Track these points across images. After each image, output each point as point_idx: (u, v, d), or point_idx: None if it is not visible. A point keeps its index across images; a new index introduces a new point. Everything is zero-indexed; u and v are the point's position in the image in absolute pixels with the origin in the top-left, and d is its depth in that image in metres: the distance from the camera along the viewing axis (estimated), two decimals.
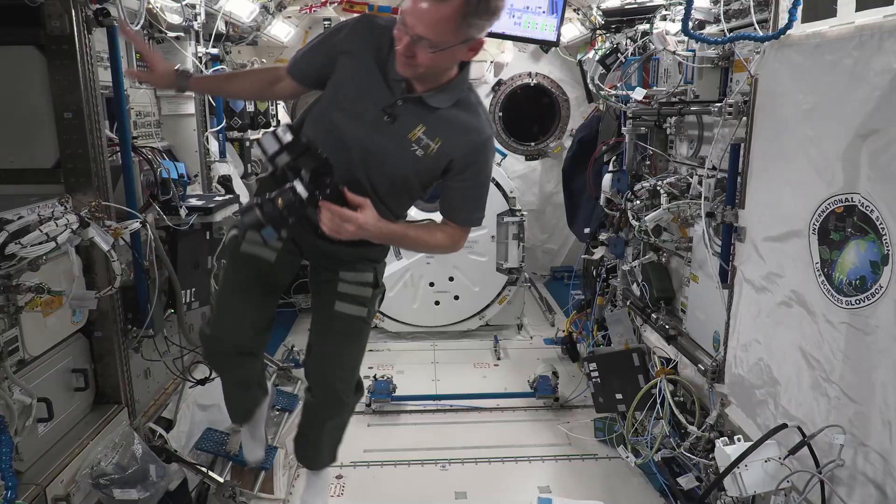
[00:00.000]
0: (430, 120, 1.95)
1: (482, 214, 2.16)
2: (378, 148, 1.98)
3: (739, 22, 2.57)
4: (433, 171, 2.03)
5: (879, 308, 1.71)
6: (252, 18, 4.46)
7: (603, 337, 4.07)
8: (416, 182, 2.07)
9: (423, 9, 1.71)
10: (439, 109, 1.95)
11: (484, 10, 1.74)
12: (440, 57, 1.80)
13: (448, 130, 1.97)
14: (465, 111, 1.99)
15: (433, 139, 1.96)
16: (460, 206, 2.11)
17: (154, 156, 2.90)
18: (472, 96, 2.03)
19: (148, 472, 2.45)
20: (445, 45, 1.76)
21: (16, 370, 2.08)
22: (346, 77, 2.02)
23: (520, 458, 3.62)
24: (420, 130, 1.95)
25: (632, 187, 3.38)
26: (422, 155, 1.97)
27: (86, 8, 2.36)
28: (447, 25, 1.72)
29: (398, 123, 1.97)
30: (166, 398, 3.10)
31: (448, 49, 1.78)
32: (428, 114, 1.95)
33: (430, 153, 1.96)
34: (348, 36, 2.02)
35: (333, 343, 2.31)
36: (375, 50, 1.97)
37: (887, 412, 1.69)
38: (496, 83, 6.43)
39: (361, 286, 2.27)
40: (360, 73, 1.99)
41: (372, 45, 1.98)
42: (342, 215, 1.84)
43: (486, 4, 1.73)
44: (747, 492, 1.95)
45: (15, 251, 1.92)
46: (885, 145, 1.67)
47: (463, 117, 1.98)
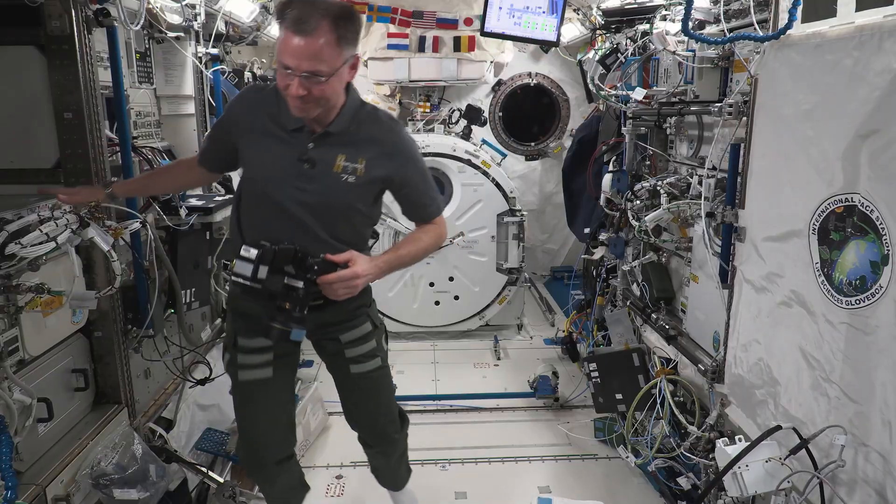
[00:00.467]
0: (345, 147, 2.04)
1: (440, 200, 2.29)
2: (315, 195, 2.06)
3: (739, 22, 2.57)
4: (371, 188, 2.11)
5: (879, 308, 1.71)
6: (252, 18, 4.46)
7: (603, 337, 4.07)
8: (362, 206, 2.14)
9: (299, 46, 1.80)
10: (347, 133, 2.05)
11: (352, 28, 1.87)
12: (332, 85, 1.89)
13: (365, 147, 2.06)
14: (369, 124, 2.09)
15: (357, 160, 2.04)
16: (418, 205, 2.22)
17: (154, 156, 2.91)
18: (367, 107, 2.12)
19: (148, 472, 2.45)
20: (333, 70, 1.86)
21: (16, 370, 2.08)
22: (252, 151, 2.11)
23: (520, 458, 3.62)
24: (342, 159, 2.03)
25: (632, 187, 3.38)
26: (354, 179, 2.05)
27: (86, 8, 2.36)
28: (327, 52, 1.82)
29: (319, 164, 2.05)
30: (166, 398, 3.10)
31: (336, 73, 1.88)
32: (340, 142, 2.04)
33: (360, 174, 2.05)
34: (236, 114, 2.15)
35: (363, 398, 2.44)
36: (267, 113, 2.06)
37: (887, 412, 1.69)
38: (496, 83, 6.44)
39: (365, 341, 2.34)
40: (262, 141, 2.08)
41: (262, 111, 2.07)
42: (342, 277, 1.94)
43: (352, 23, 1.87)
44: (748, 492, 1.95)
45: (15, 251, 1.92)
46: (885, 145, 1.67)
47: (371, 131, 2.08)
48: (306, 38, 1.79)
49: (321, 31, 1.80)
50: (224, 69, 3.92)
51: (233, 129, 2.15)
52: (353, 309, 2.30)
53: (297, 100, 1.87)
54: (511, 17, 3.84)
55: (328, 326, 2.30)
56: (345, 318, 2.30)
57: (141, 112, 3.15)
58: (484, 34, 3.96)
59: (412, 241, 2.21)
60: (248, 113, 2.12)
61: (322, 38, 1.80)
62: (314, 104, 1.91)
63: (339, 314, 2.27)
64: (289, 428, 2.43)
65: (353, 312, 2.31)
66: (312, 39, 1.79)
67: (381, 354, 2.39)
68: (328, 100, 1.94)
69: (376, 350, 2.37)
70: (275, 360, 2.28)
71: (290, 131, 2.05)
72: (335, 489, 3.35)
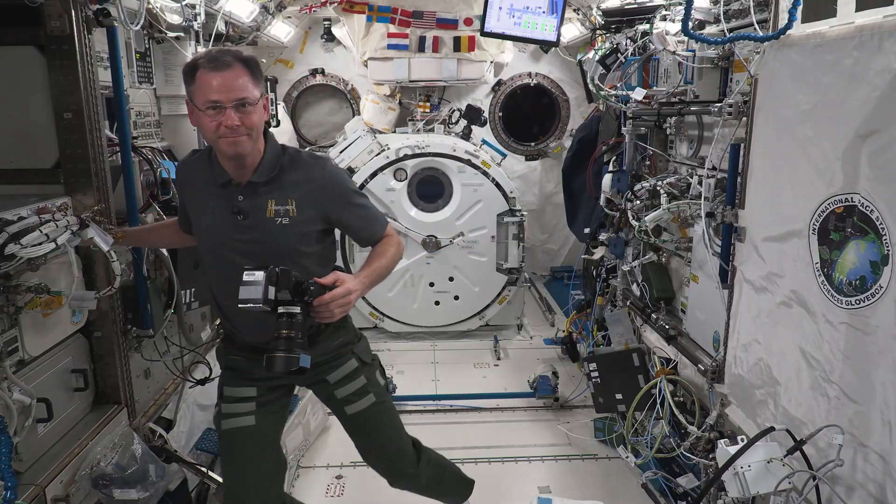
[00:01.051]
0: (272, 193, 2.09)
1: (381, 216, 2.30)
2: (256, 244, 2.10)
3: (739, 22, 2.57)
4: (310, 225, 2.13)
5: (879, 308, 1.71)
6: (252, 18, 4.47)
7: (603, 337, 4.06)
8: (305, 247, 2.15)
9: (223, 79, 1.92)
10: (273, 180, 2.10)
11: (258, 71, 2.02)
12: (258, 115, 2.01)
13: (292, 189, 2.10)
14: (292, 166, 2.13)
15: (287, 202, 2.09)
16: (363, 229, 2.24)
17: (154, 156, 2.90)
18: (289, 151, 2.17)
19: (148, 472, 2.45)
20: (256, 100, 1.98)
21: (15, 370, 2.08)
22: (195, 212, 2.21)
23: (520, 458, 3.62)
24: (272, 204, 2.08)
25: (632, 187, 3.38)
26: (289, 221, 2.09)
27: (86, 8, 2.36)
28: (249, 80, 1.97)
29: (252, 213, 2.10)
30: (166, 398, 3.10)
31: (259, 103, 2.00)
32: (267, 190, 2.09)
33: (293, 214, 2.09)
34: (180, 180, 2.32)
35: (367, 438, 2.41)
36: (201, 173, 2.16)
37: (887, 412, 1.69)
38: (496, 83, 6.44)
39: (352, 379, 2.33)
40: (201, 201, 2.17)
41: (197, 172, 2.18)
42: (336, 296, 1.93)
43: (258, 67, 2.02)
44: (750, 492, 1.94)
45: (14, 251, 1.92)
46: (885, 145, 1.67)
47: (296, 173, 2.12)
48: (227, 71, 1.93)
49: (237, 66, 1.95)
50: None
51: (182, 194, 2.31)
52: (336, 348, 2.31)
53: (230, 132, 1.94)
54: (511, 17, 3.84)
55: (314, 368, 2.20)
56: (329, 358, 2.30)
57: (141, 112, 3.15)
58: (484, 34, 3.96)
59: (379, 255, 2.21)
60: (187, 177, 2.25)
61: (239, 71, 1.95)
62: (247, 137, 1.98)
63: (322, 353, 2.26)
64: (274, 481, 2.33)
65: (337, 351, 2.32)
66: (233, 72, 1.94)
67: (374, 390, 2.36)
68: (257, 130, 2.03)
69: (367, 386, 2.35)
70: (258, 408, 2.27)
71: (220, 186, 2.11)
72: (335, 489, 3.35)
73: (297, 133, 6.34)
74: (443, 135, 5.54)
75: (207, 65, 1.93)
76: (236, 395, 2.27)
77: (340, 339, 2.32)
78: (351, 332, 2.39)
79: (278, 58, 6.17)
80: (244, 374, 2.28)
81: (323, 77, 6.26)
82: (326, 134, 6.45)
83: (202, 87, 1.93)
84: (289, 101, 6.24)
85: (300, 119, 6.44)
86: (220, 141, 1.98)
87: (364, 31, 5.52)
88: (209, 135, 1.99)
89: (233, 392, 2.28)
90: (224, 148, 1.99)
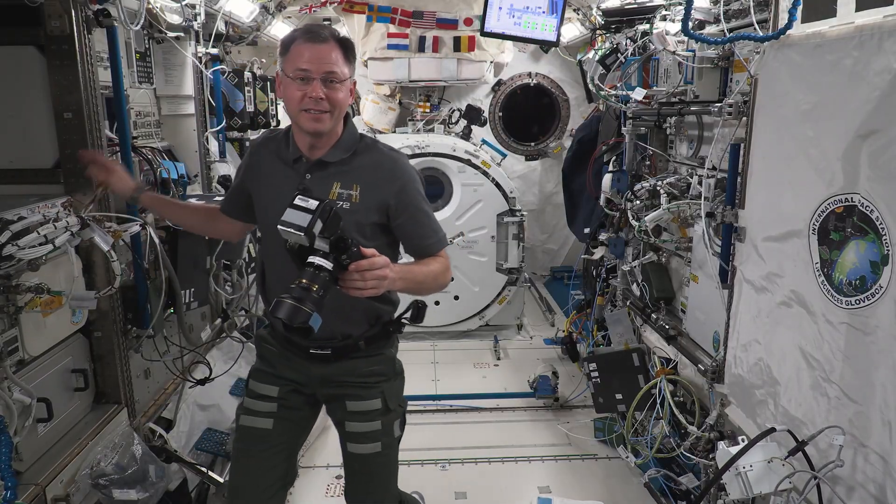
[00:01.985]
0: (340, 175, 2.04)
1: (442, 235, 2.17)
2: None
3: (739, 22, 2.57)
4: (370, 215, 2.05)
5: (879, 308, 1.71)
6: (252, 18, 4.46)
7: (603, 337, 4.07)
8: (362, 233, 2.04)
9: (317, 51, 1.92)
10: (343, 163, 2.05)
11: (352, 52, 2.01)
12: (344, 93, 1.98)
13: (360, 174, 2.05)
14: (367, 154, 2.09)
15: (352, 187, 2.03)
16: (418, 236, 2.12)
17: (154, 156, 2.90)
18: (367, 139, 2.13)
19: (148, 472, 2.45)
20: (345, 77, 1.97)
21: (15, 370, 2.08)
22: (261, 192, 2.15)
23: (520, 458, 3.62)
24: (336, 187, 2.03)
25: (632, 187, 3.38)
26: (350, 206, 2.02)
27: (86, 8, 2.36)
28: (339, 59, 1.96)
29: (315, 193, 1.95)
30: (166, 398, 3.09)
31: (347, 82, 1.98)
32: (336, 171, 2.05)
33: (355, 201, 2.03)
34: (247, 163, 2.22)
35: (354, 481, 2.27)
36: (274, 151, 2.13)
37: (887, 412, 1.69)
38: (496, 83, 6.44)
39: (369, 421, 2.18)
40: (268, 180, 2.12)
41: (270, 150, 2.14)
42: (374, 265, 1.75)
43: (352, 49, 2.01)
44: (753, 492, 1.94)
45: (12, 252, 1.92)
46: (885, 145, 1.67)
47: (367, 160, 2.08)
48: (322, 44, 1.93)
49: (331, 42, 1.95)
50: (224, 69, 3.92)
51: (246, 174, 2.22)
52: (367, 375, 2.18)
53: (314, 104, 1.93)
54: (511, 17, 3.84)
55: (334, 384, 2.19)
56: (356, 382, 2.17)
57: (141, 112, 3.15)
58: (484, 34, 3.96)
59: (423, 263, 2.10)
60: (257, 155, 2.19)
61: (333, 46, 1.95)
62: (328, 115, 1.96)
63: (349, 374, 2.16)
64: (276, 494, 2.21)
65: (366, 380, 2.18)
66: (327, 46, 1.94)
67: (384, 440, 2.19)
68: (339, 109, 1.99)
69: (379, 434, 2.19)
70: (279, 411, 2.18)
71: (291, 163, 2.07)
72: (335, 489, 3.35)
73: None
74: (443, 135, 5.54)
75: (304, 35, 1.95)
76: (259, 391, 2.21)
77: (375, 368, 2.20)
78: (389, 365, 2.27)
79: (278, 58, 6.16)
80: (271, 369, 2.22)
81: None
82: None
83: (295, 56, 1.94)
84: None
85: None
86: (301, 114, 1.96)
87: (364, 31, 5.52)
88: (293, 105, 1.97)
89: (256, 387, 2.22)
90: (304, 123, 1.97)
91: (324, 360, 2.13)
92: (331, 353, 2.12)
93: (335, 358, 2.14)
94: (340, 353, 2.14)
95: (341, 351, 2.13)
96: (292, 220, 1.68)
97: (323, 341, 2.11)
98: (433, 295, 5.16)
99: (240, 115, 4.12)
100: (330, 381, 2.19)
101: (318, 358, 2.13)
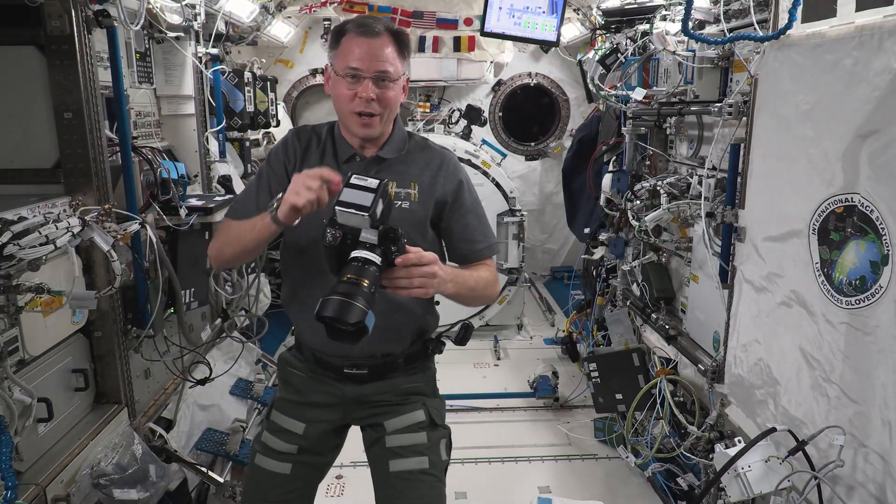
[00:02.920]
0: (394, 174, 1.89)
1: (493, 240, 2.02)
2: None
3: (739, 22, 2.57)
4: (425, 215, 1.90)
5: (879, 308, 1.71)
6: (252, 18, 4.47)
7: (603, 337, 4.07)
8: (417, 235, 1.85)
9: (369, 46, 1.77)
10: (399, 160, 1.93)
11: (407, 46, 1.86)
12: (396, 93, 1.83)
13: (416, 172, 1.93)
14: (421, 151, 1.98)
15: (409, 185, 1.90)
16: (473, 238, 1.95)
17: (154, 156, 2.90)
18: (417, 137, 2.03)
19: (148, 472, 2.45)
20: (398, 76, 1.81)
21: (16, 370, 2.08)
22: None
23: (520, 458, 3.62)
24: (393, 186, 1.87)
25: (632, 187, 3.38)
26: (409, 206, 1.88)
27: (86, 8, 2.36)
28: (393, 56, 1.80)
29: None
30: (166, 398, 3.09)
31: (399, 81, 1.83)
32: (390, 169, 1.90)
33: (415, 199, 1.89)
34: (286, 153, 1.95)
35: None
36: (319, 148, 1.94)
37: (887, 412, 1.69)
38: (496, 83, 6.44)
39: (413, 431, 1.97)
40: None
41: (312, 148, 1.95)
42: (423, 260, 1.56)
43: (407, 43, 1.86)
44: (753, 492, 1.94)
45: (13, 252, 1.92)
46: (885, 145, 1.67)
47: (422, 157, 1.96)
48: (374, 39, 1.78)
49: (385, 36, 1.79)
50: (224, 69, 3.92)
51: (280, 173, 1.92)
52: (407, 392, 2.00)
53: (365, 105, 1.78)
54: (511, 17, 3.85)
55: (371, 404, 1.98)
56: (395, 400, 1.98)
57: (141, 112, 3.15)
58: (484, 34, 3.96)
59: (473, 269, 1.92)
60: (296, 147, 1.95)
61: (387, 41, 1.80)
62: (379, 118, 1.82)
63: (387, 391, 1.97)
64: None
65: (406, 396, 1.99)
66: (380, 41, 1.78)
67: (431, 456, 1.95)
68: (391, 109, 1.85)
69: (426, 448, 1.94)
70: (299, 454, 1.96)
71: (342, 163, 1.90)
72: (335, 489, 3.35)
73: None
74: (443, 135, 5.54)
75: (355, 29, 1.79)
76: (282, 424, 1.98)
77: (415, 385, 2.02)
78: (430, 383, 2.12)
79: (278, 58, 6.17)
80: (297, 396, 2.00)
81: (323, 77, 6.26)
82: None
83: (345, 51, 1.78)
84: (289, 101, 6.24)
85: (300, 119, 6.44)
86: (351, 117, 1.81)
87: None
88: (342, 105, 1.82)
89: (279, 420, 1.99)
90: (354, 127, 1.83)
91: (359, 379, 1.95)
92: (367, 372, 1.94)
93: (371, 378, 1.95)
94: (378, 372, 1.96)
95: (379, 370, 1.96)
96: (354, 200, 1.49)
97: (360, 360, 1.93)
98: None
99: (240, 115, 4.13)
100: (366, 402, 1.99)
101: (353, 378, 1.95)
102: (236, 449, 3.24)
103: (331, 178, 1.58)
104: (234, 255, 1.86)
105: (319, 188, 1.57)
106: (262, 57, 5.86)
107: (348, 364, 1.94)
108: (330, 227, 1.52)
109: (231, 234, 1.85)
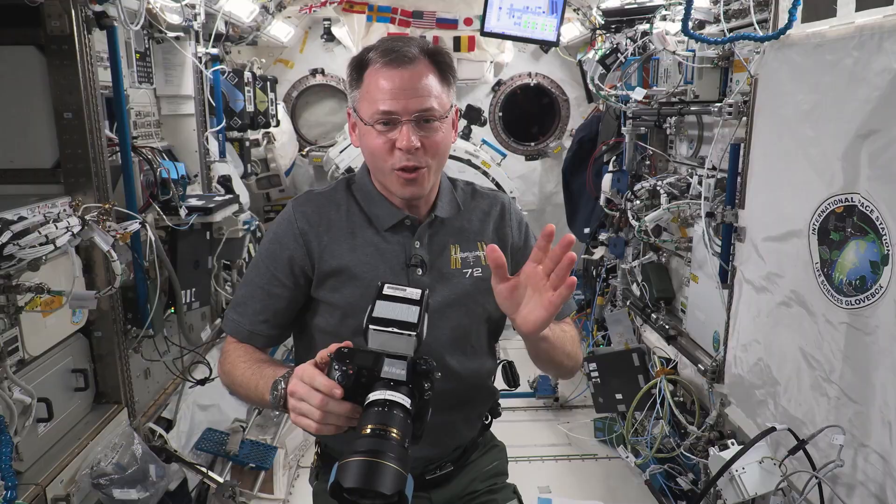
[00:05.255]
0: (455, 235, 1.53)
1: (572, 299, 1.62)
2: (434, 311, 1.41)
3: (739, 22, 2.57)
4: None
5: (879, 308, 1.71)
6: (252, 18, 4.46)
7: (603, 337, 4.07)
8: (491, 305, 1.42)
9: (402, 80, 1.35)
10: (455, 218, 1.54)
11: (452, 69, 1.46)
12: (445, 133, 1.43)
13: (479, 228, 1.56)
14: (471, 200, 1.62)
15: (475, 247, 1.53)
16: None
17: (154, 156, 2.90)
18: (458, 181, 1.65)
19: (148, 472, 2.45)
20: (445, 112, 1.41)
21: (16, 370, 2.08)
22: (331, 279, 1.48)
23: (520, 459, 3.62)
24: (456, 251, 1.51)
25: (632, 187, 3.38)
26: (481, 273, 1.51)
27: (86, 8, 2.36)
28: (437, 82, 1.41)
29: (432, 266, 1.48)
30: (166, 398, 3.09)
31: (447, 118, 1.43)
32: (449, 231, 1.52)
33: (486, 263, 1.50)
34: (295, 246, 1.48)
35: None
36: (346, 220, 1.50)
37: (887, 412, 1.69)
38: (496, 83, 6.43)
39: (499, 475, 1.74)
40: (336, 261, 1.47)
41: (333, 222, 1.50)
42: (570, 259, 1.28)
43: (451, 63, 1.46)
44: (749, 494, 1.94)
45: (13, 252, 1.92)
46: (885, 145, 1.67)
47: (478, 207, 1.61)
48: (409, 69, 1.35)
49: (423, 63, 1.38)
50: (224, 69, 3.92)
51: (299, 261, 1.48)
52: (494, 476, 1.68)
53: (406, 158, 1.37)
54: (511, 17, 3.84)
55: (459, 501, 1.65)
56: (483, 490, 1.65)
57: (141, 112, 3.15)
58: (484, 34, 3.96)
59: (564, 333, 1.54)
60: (313, 231, 1.48)
61: (425, 68, 1.38)
62: (427, 170, 1.40)
63: (474, 479, 1.65)
64: None
65: (494, 480, 1.68)
66: (416, 69, 1.36)
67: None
68: (442, 157, 1.44)
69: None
70: None
71: (385, 231, 1.48)
72: None
73: (298, 133, 6.34)
74: None
75: (381, 59, 1.36)
76: None
77: (497, 463, 1.70)
78: (502, 453, 1.78)
79: (278, 58, 6.17)
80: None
81: (323, 77, 6.26)
82: (326, 134, 6.45)
83: (372, 91, 1.37)
84: (289, 101, 6.24)
85: (300, 119, 6.44)
86: (391, 176, 1.40)
87: (364, 31, 5.52)
88: (378, 161, 1.41)
89: None
90: (396, 188, 1.43)
91: (445, 480, 1.62)
92: (453, 468, 1.63)
93: (457, 471, 1.63)
94: (461, 462, 1.64)
95: (462, 459, 1.64)
96: (395, 317, 1.12)
97: (440, 461, 1.60)
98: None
99: (240, 115, 4.13)
100: (454, 501, 1.67)
101: (438, 482, 1.61)
102: (236, 449, 3.24)
103: (323, 389, 1.09)
104: (243, 398, 1.49)
105: (322, 403, 1.09)
106: (262, 57, 5.85)
107: (431, 467, 1.58)
108: (338, 362, 1.10)
109: (236, 379, 1.47)
